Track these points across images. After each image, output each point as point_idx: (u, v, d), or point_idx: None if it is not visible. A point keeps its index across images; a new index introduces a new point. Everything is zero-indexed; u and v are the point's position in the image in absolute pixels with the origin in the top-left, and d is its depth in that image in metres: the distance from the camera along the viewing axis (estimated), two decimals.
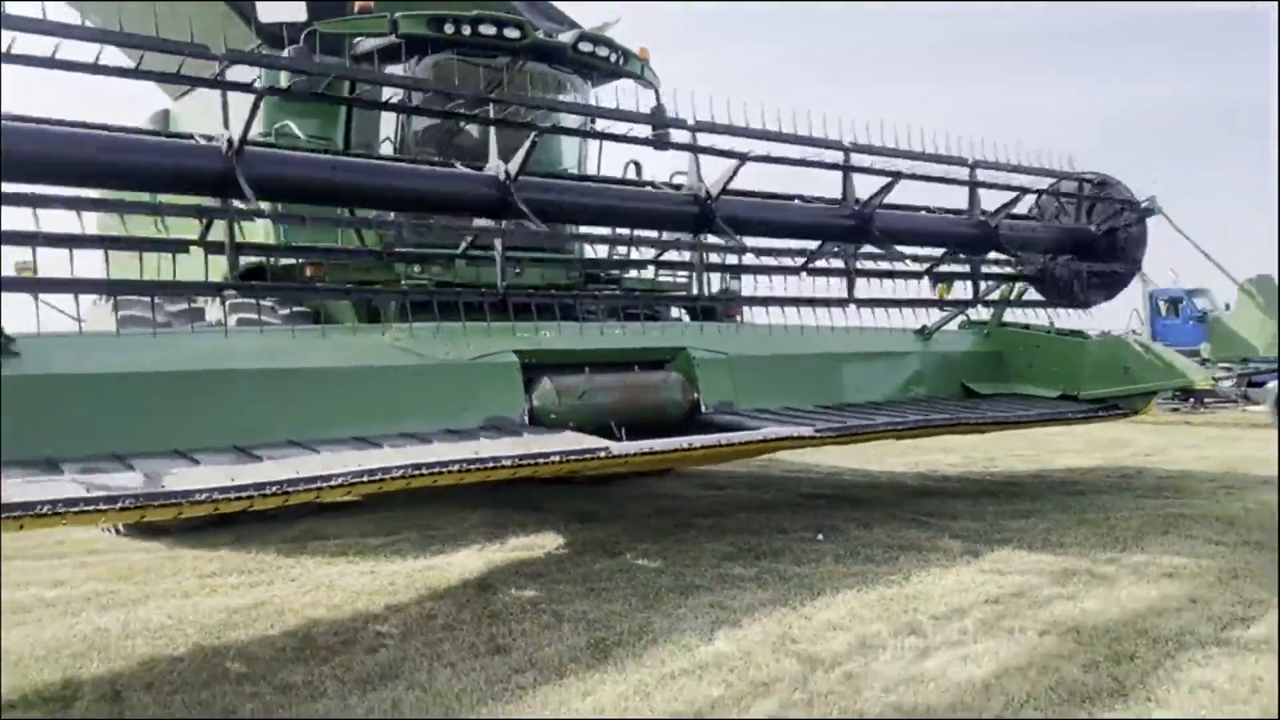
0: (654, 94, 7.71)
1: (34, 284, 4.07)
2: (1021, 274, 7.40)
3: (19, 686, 3.74)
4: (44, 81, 3.88)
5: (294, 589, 5.05)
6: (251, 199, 4.08)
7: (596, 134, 6.96)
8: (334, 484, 3.85)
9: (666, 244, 6.30)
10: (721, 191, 5.28)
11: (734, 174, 5.29)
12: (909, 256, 6.40)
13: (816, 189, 6.15)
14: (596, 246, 7.36)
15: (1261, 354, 14.18)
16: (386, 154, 6.61)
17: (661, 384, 5.76)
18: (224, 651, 4.09)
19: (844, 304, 6.20)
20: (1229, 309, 17.56)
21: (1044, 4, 64.14)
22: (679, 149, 5.67)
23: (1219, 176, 55.80)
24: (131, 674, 3.84)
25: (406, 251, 5.78)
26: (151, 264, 4.42)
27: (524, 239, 4.92)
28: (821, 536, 5.97)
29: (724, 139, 5.43)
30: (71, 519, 3.48)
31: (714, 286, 7.49)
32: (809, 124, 5.61)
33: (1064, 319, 7.75)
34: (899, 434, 6.61)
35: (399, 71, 6.36)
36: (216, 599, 4.90)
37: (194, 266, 4.53)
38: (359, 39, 6.55)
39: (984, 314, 8.00)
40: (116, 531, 6.46)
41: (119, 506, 3.41)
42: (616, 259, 7.49)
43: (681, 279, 7.87)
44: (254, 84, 4.68)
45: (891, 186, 5.91)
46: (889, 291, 6.49)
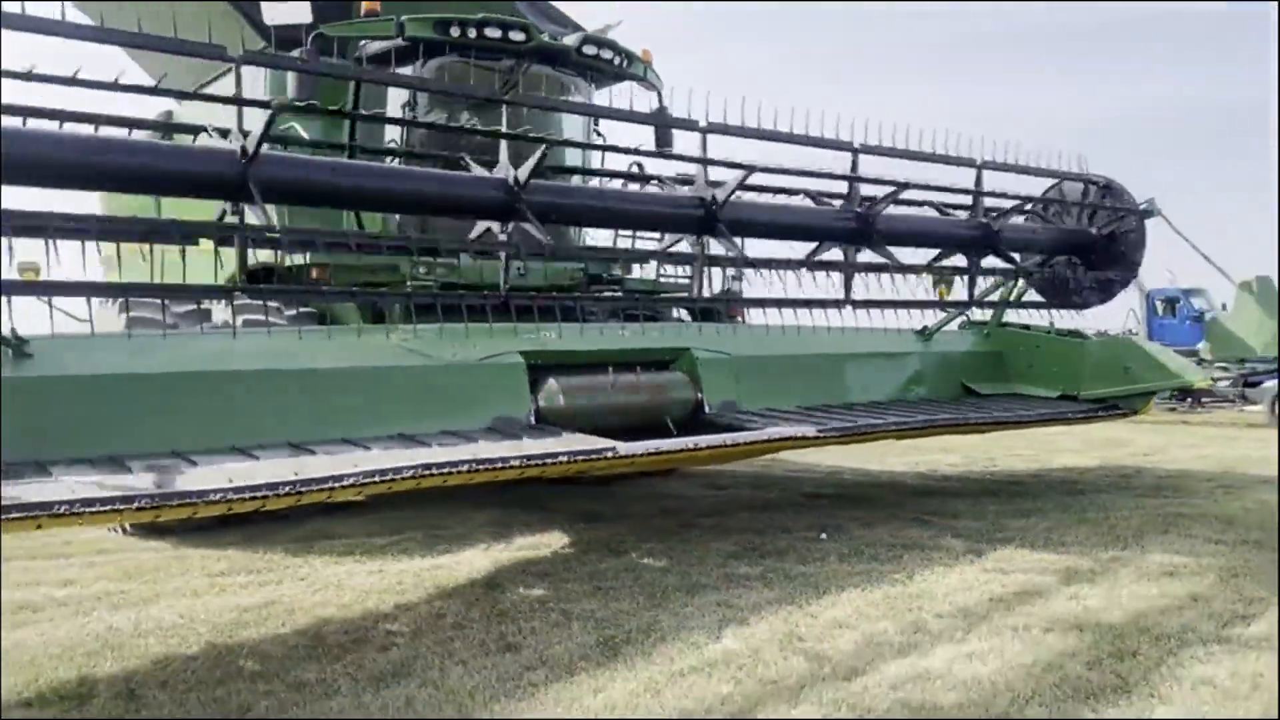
0: (656, 96, 7.75)
1: (46, 287, 4.13)
2: (1021, 274, 7.45)
3: (34, 684, 3.77)
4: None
5: (303, 588, 5.08)
6: (260, 205, 4.13)
7: (604, 147, 7.00)
8: (345, 484, 3.90)
9: (670, 253, 6.36)
10: (727, 199, 5.33)
11: (740, 183, 5.34)
12: (910, 263, 6.46)
13: (820, 183, 6.22)
14: (600, 247, 7.38)
15: (1259, 354, 14.30)
16: (393, 150, 6.62)
17: (666, 384, 5.81)
18: (236, 650, 4.13)
19: (840, 305, 6.24)
20: (1225, 309, 17.74)
21: (1044, 4, 64.29)
22: (686, 160, 5.72)
23: (1219, 176, 55.99)
24: (146, 672, 3.88)
25: (414, 244, 5.82)
26: (160, 264, 4.45)
27: (531, 245, 4.96)
28: (825, 536, 6.02)
29: (729, 143, 5.49)
30: (88, 519, 3.52)
31: (715, 287, 7.54)
32: (820, 126, 5.67)
33: (1061, 319, 7.82)
34: (900, 434, 6.67)
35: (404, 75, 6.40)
36: (226, 598, 4.93)
37: (200, 267, 4.58)
38: (365, 42, 6.58)
39: (984, 314, 8.06)
40: (124, 531, 6.48)
41: (135, 506, 3.46)
42: (620, 258, 7.53)
43: (683, 280, 7.92)
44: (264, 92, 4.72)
45: (896, 195, 5.98)
46: (890, 292, 6.54)
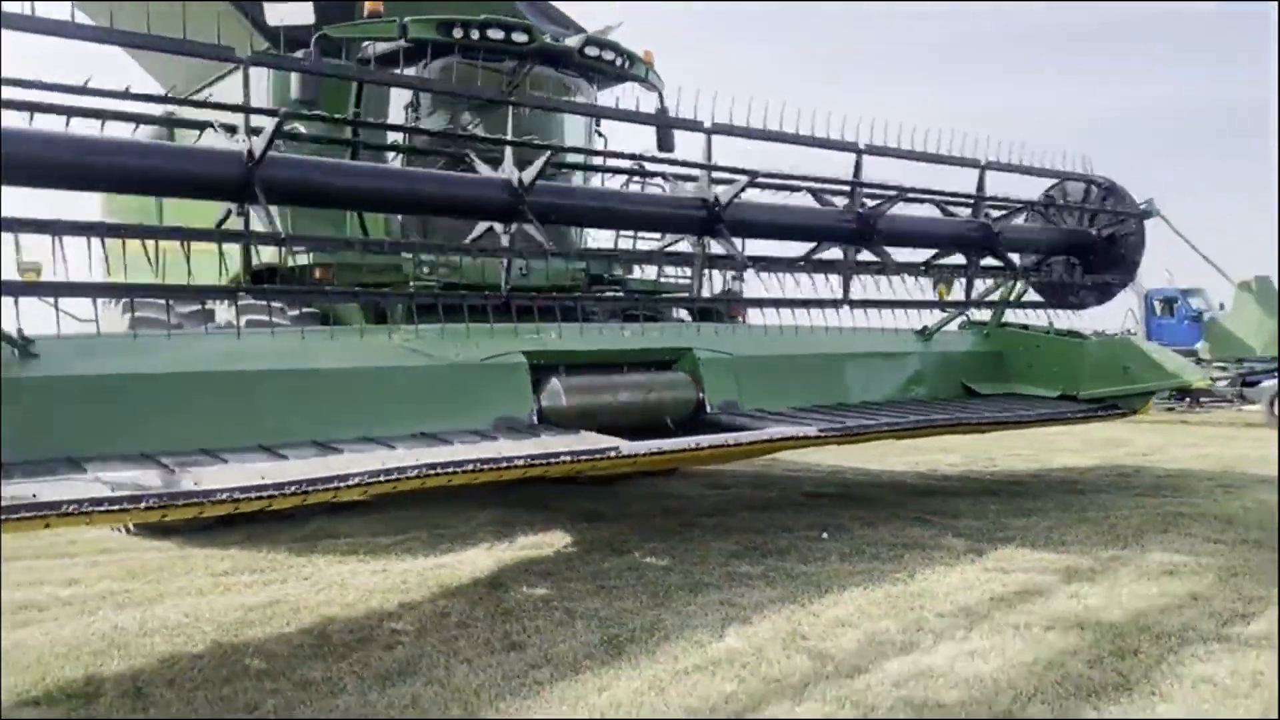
0: (657, 96, 7.77)
1: (50, 288, 4.15)
2: (1017, 277, 7.47)
3: (41, 683, 3.79)
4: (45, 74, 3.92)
5: (307, 587, 5.10)
6: (265, 207, 4.15)
7: (608, 153, 7.00)
8: (352, 483, 3.92)
9: (671, 253, 6.38)
10: (729, 202, 5.35)
11: (743, 189, 5.36)
12: (910, 264, 6.49)
13: (817, 172, 6.22)
14: (602, 248, 7.40)
15: (1259, 354, 14.34)
16: (397, 146, 6.63)
17: (668, 384, 5.83)
18: (242, 648, 4.15)
19: (838, 305, 6.27)
20: (1223, 309, 17.79)
21: (1044, 4, 64.33)
22: (690, 166, 5.74)
23: (1219, 176, 56.01)
24: (153, 671, 3.90)
25: (419, 251, 5.86)
26: (163, 265, 4.47)
27: (533, 247, 4.99)
28: (826, 535, 6.04)
29: (732, 143, 5.51)
30: (97, 519, 3.56)
31: (716, 287, 7.56)
32: (826, 127, 5.70)
33: (1060, 319, 7.85)
34: (900, 434, 6.69)
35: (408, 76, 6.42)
36: (231, 597, 4.95)
37: (204, 268, 4.59)
38: (367, 43, 6.60)
39: (984, 314, 8.09)
40: (127, 530, 6.49)
41: (143, 506, 3.48)
42: (623, 248, 7.53)
43: (684, 280, 7.93)
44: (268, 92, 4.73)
45: (897, 200, 6.02)
46: (890, 292, 6.57)
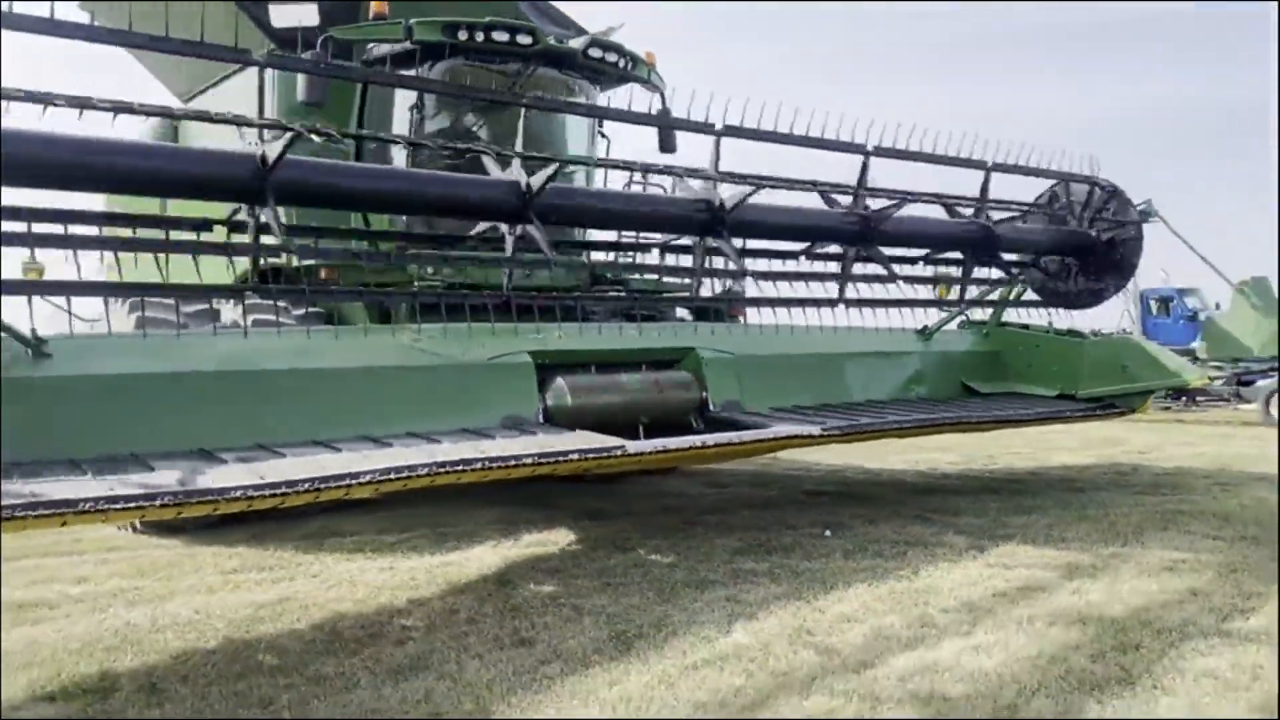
0: (659, 97, 7.80)
1: (65, 287, 4.19)
2: (1014, 280, 7.52)
3: (57, 679, 3.83)
4: (47, 74, 3.96)
5: (316, 584, 5.15)
6: (275, 213, 4.20)
7: (613, 162, 7.04)
8: (363, 481, 3.97)
9: (673, 247, 6.42)
10: (735, 207, 5.40)
11: (747, 197, 5.40)
12: (909, 265, 6.54)
13: (822, 173, 6.28)
14: (606, 241, 7.45)
15: (1256, 354, 14.43)
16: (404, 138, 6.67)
17: (671, 384, 5.87)
18: (254, 645, 4.19)
19: (834, 304, 6.31)
20: (1219, 308, 17.89)
21: (1044, 4, 64.38)
22: (697, 175, 5.77)
23: (1219, 176, 55.97)
24: (166, 667, 3.94)
25: (423, 253, 5.89)
26: (168, 264, 4.51)
27: (535, 249, 5.03)
28: (829, 533, 6.09)
29: (736, 142, 5.55)
30: (113, 516, 3.60)
31: (717, 287, 7.59)
32: (835, 128, 5.74)
33: (1059, 318, 7.90)
34: (901, 432, 6.75)
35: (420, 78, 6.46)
36: (241, 594, 5.00)
37: (209, 267, 4.63)
38: (373, 45, 6.64)
39: (984, 314, 8.14)
40: (133, 528, 6.53)
41: (158, 504, 3.52)
42: (624, 262, 7.59)
43: (685, 280, 7.97)
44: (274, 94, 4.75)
45: (900, 206, 6.08)
46: (890, 292, 6.63)
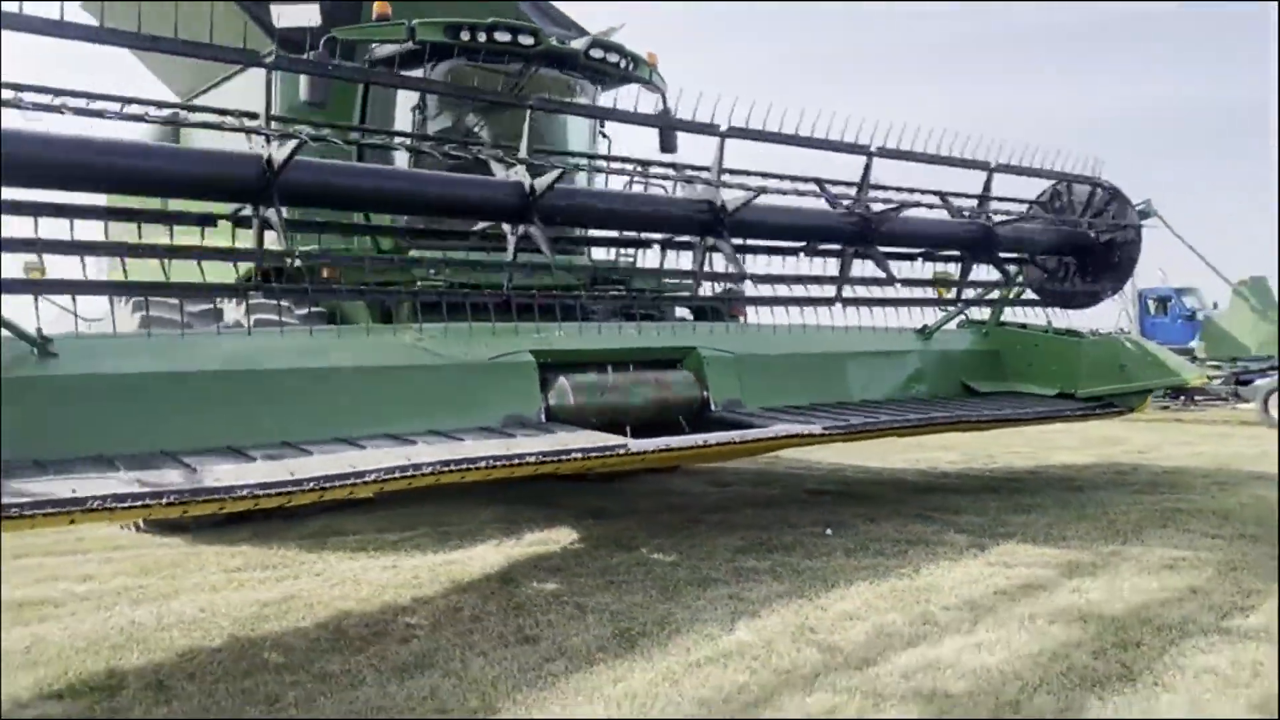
0: (661, 98, 7.83)
1: (70, 286, 4.20)
2: (1012, 282, 7.55)
3: (64, 677, 3.85)
4: (47, 73, 3.98)
5: (320, 583, 5.17)
6: (279, 214, 4.21)
7: (617, 165, 7.05)
8: (369, 480, 3.98)
9: (674, 244, 6.45)
10: (737, 210, 5.42)
11: (749, 201, 5.42)
12: (908, 268, 6.59)
13: (822, 173, 6.29)
14: (605, 247, 7.47)
15: (1255, 353, 14.46)
16: (404, 145, 6.69)
17: (673, 383, 5.90)
18: (260, 642, 4.21)
19: (832, 303, 6.34)
20: (1216, 307, 17.92)
21: (1044, 4, 64.39)
22: (699, 175, 5.80)
23: (1219, 176, 55.94)
24: (173, 665, 3.96)
25: (426, 257, 5.92)
26: (171, 263, 4.53)
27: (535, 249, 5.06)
28: (830, 531, 6.12)
29: (737, 142, 5.57)
30: (120, 514, 3.61)
31: (717, 287, 7.61)
32: (840, 129, 5.78)
33: (1058, 318, 7.93)
34: (901, 431, 6.77)
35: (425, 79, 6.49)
36: (245, 593, 5.02)
37: (211, 266, 4.65)
38: (375, 45, 6.66)
39: (983, 313, 8.17)
40: (136, 527, 6.55)
41: (165, 502, 3.54)
42: (624, 263, 7.61)
43: (686, 280, 7.98)
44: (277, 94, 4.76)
45: (902, 209, 6.11)
46: (889, 292, 6.64)
